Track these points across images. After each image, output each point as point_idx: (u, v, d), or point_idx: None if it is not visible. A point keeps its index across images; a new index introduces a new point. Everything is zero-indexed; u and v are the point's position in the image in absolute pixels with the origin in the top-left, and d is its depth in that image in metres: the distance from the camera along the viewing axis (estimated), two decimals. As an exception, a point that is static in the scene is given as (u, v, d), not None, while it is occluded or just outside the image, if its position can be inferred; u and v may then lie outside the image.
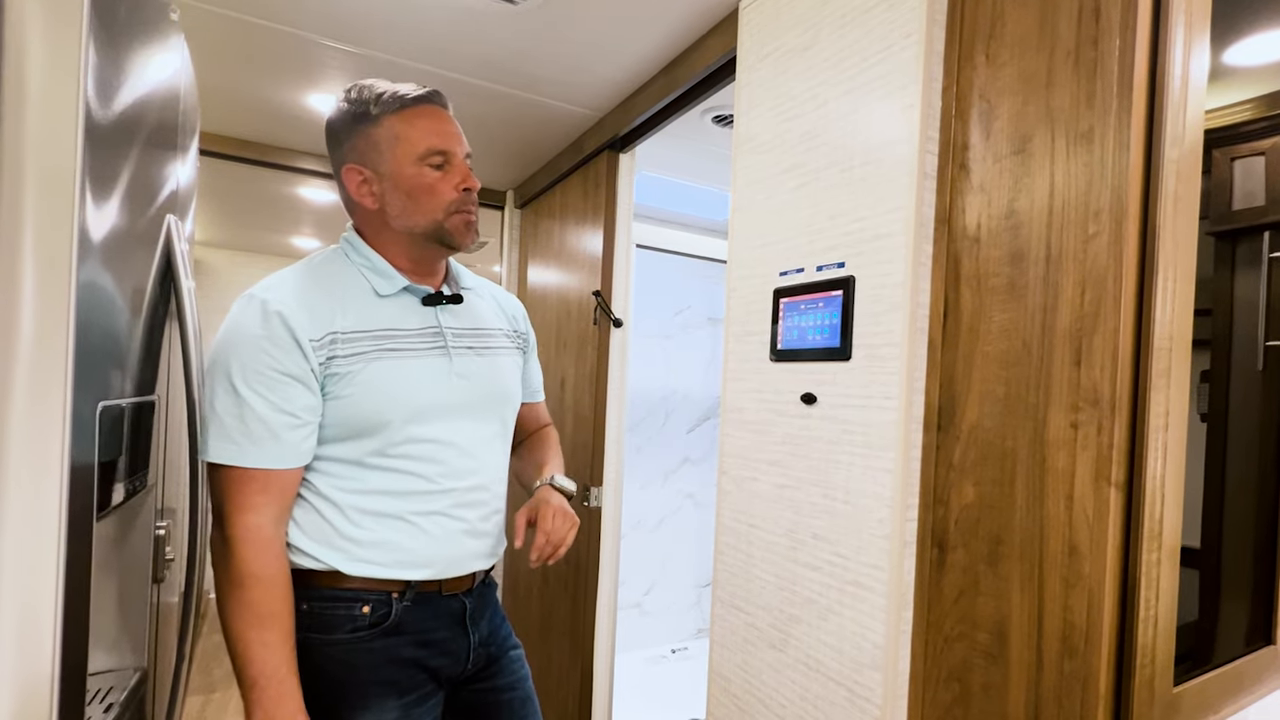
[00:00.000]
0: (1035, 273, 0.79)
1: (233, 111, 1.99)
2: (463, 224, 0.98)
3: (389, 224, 0.97)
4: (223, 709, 2.69)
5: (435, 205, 0.96)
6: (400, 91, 0.95)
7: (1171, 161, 0.72)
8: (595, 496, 1.92)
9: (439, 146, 0.95)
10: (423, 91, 0.97)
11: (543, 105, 1.87)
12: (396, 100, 0.95)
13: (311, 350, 0.88)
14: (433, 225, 0.97)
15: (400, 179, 0.95)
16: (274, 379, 0.87)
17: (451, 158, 0.97)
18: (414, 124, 0.95)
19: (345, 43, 1.58)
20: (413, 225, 0.97)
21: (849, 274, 0.97)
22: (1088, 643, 0.73)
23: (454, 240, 0.99)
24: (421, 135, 0.95)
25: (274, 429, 0.86)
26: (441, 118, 0.98)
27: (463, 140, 0.99)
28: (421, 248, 1.00)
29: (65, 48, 0.55)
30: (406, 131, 0.94)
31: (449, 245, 1.00)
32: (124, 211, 0.70)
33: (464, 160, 0.99)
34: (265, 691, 0.83)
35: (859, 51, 0.97)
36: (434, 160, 0.95)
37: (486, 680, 1.05)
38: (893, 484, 0.89)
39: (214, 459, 0.86)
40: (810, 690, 1.00)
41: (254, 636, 0.84)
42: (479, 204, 1.05)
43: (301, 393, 0.88)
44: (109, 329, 0.66)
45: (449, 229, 0.97)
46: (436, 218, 0.96)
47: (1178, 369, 0.74)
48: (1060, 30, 0.78)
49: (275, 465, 0.87)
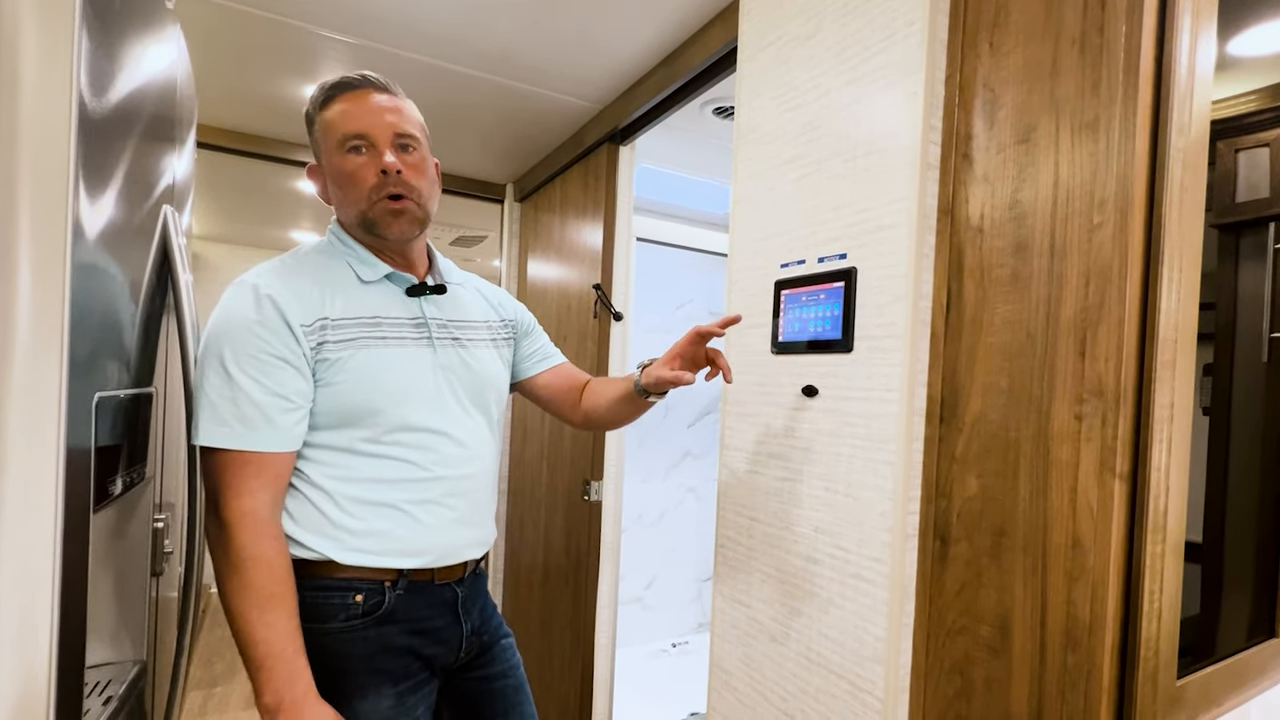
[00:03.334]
0: (1039, 264, 0.79)
1: (230, 103, 1.98)
2: (386, 211, 0.94)
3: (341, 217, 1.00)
4: (225, 703, 2.69)
5: (358, 194, 0.94)
6: (330, 81, 0.95)
7: (1178, 151, 0.71)
8: (596, 491, 1.91)
9: (353, 130, 0.92)
10: (346, 77, 0.94)
11: (542, 97, 1.86)
12: (324, 90, 0.95)
13: (303, 335, 0.88)
14: (359, 215, 0.95)
15: (331, 170, 0.95)
16: (267, 362, 0.86)
17: (372, 141, 0.92)
18: (336, 110, 0.94)
19: (343, 34, 1.57)
20: (347, 216, 0.98)
21: (851, 265, 0.97)
22: (1091, 635, 0.72)
23: (380, 229, 0.95)
24: (340, 120, 0.93)
25: (267, 412, 0.86)
26: (363, 100, 0.93)
27: (390, 120, 0.93)
28: (368, 239, 0.99)
29: (58, 37, 0.54)
30: (331, 120, 0.94)
31: (378, 235, 0.96)
32: (120, 204, 0.69)
33: (391, 141, 0.93)
34: (274, 672, 0.82)
35: (862, 40, 0.96)
36: (352, 144, 0.93)
37: (479, 669, 1.06)
38: (895, 476, 0.89)
39: (207, 442, 0.85)
40: (811, 683, 1.00)
41: (257, 618, 0.83)
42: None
43: (294, 376, 0.88)
44: (105, 321, 0.66)
45: (373, 217, 0.95)
46: (361, 207, 0.94)
47: (1183, 361, 0.73)
48: (1066, 17, 0.77)
49: (269, 448, 0.86)
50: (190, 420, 0.86)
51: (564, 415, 1.25)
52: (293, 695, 0.82)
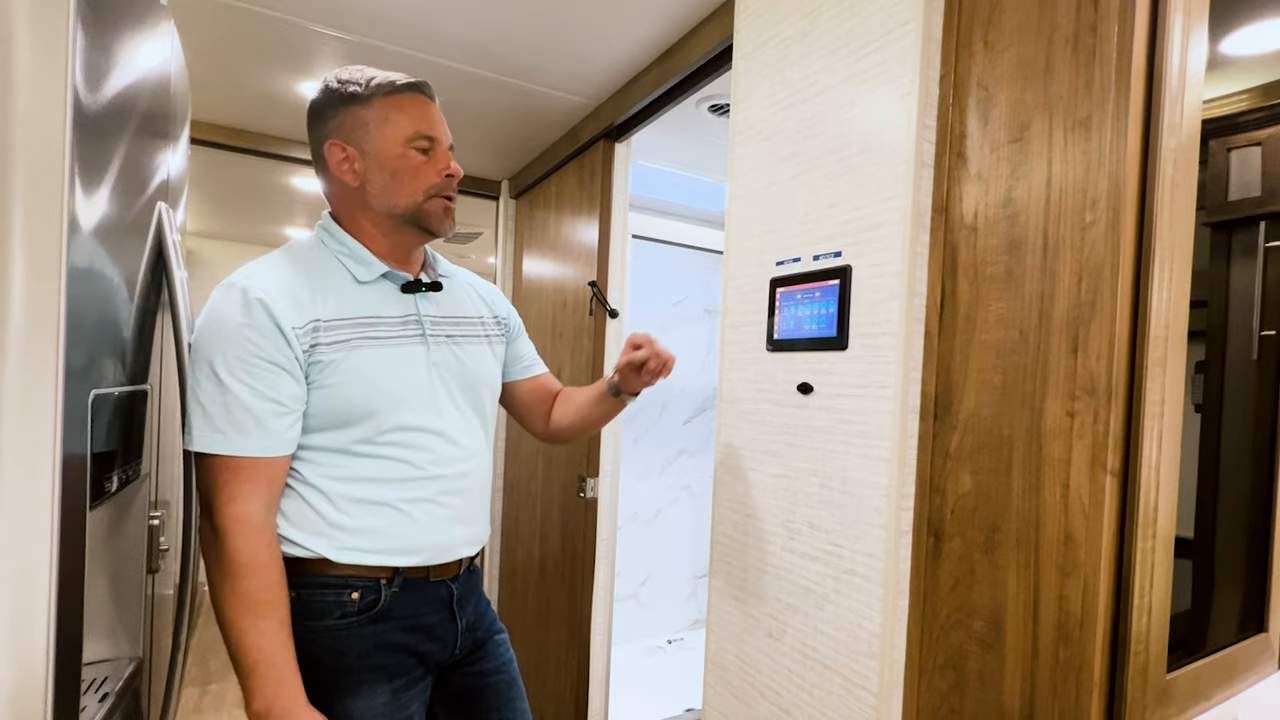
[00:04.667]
0: (1032, 261, 0.79)
1: (225, 100, 1.97)
2: (441, 209, 1.01)
3: (368, 204, 0.99)
4: (220, 700, 2.69)
5: (417, 187, 0.98)
6: (393, 78, 0.99)
7: (1169, 150, 0.72)
8: (591, 488, 1.92)
9: (427, 131, 0.99)
10: (415, 80, 1.01)
11: (537, 93, 1.86)
12: (390, 85, 0.98)
13: (295, 338, 0.88)
14: (412, 207, 0.99)
15: (386, 158, 0.97)
16: (258, 367, 0.86)
17: (437, 144, 1.00)
18: (404, 108, 0.98)
19: (339, 29, 1.57)
20: (392, 206, 0.98)
21: (846, 263, 0.97)
22: (1083, 630, 0.73)
23: (431, 224, 1.01)
24: (411, 119, 0.98)
25: (260, 417, 0.86)
26: (430, 107, 1.02)
27: (447, 130, 1.04)
28: (399, 231, 1.01)
29: (53, 33, 0.54)
30: (397, 115, 0.97)
31: (426, 230, 1.01)
32: (115, 200, 0.69)
33: (447, 149, 1.03)
34: (264, 679, 0.83)
35: (857, 38, 0.97)
36: (420, 144, 0.98)
37: (473, 664, 1.06)
38: (889, 473, 0.89)
39: (200, 449, 0.85)
40: (807, 679, 1.00)
41: (249, 624, 0.83)
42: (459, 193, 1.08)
43: (287, 381, 0.88)
44: (100, 318, 0.66)
45: (428, 212, 1.00)
46: (417, 199, 0.99)
47: (1173, 357, 0.74)
48: (1059, 16, 0.77)
49: (262, 454, 0.86)
50: (184, 423, 0.86)
51: (533, 426, 1.26)
52: (282, 702, 0.83)
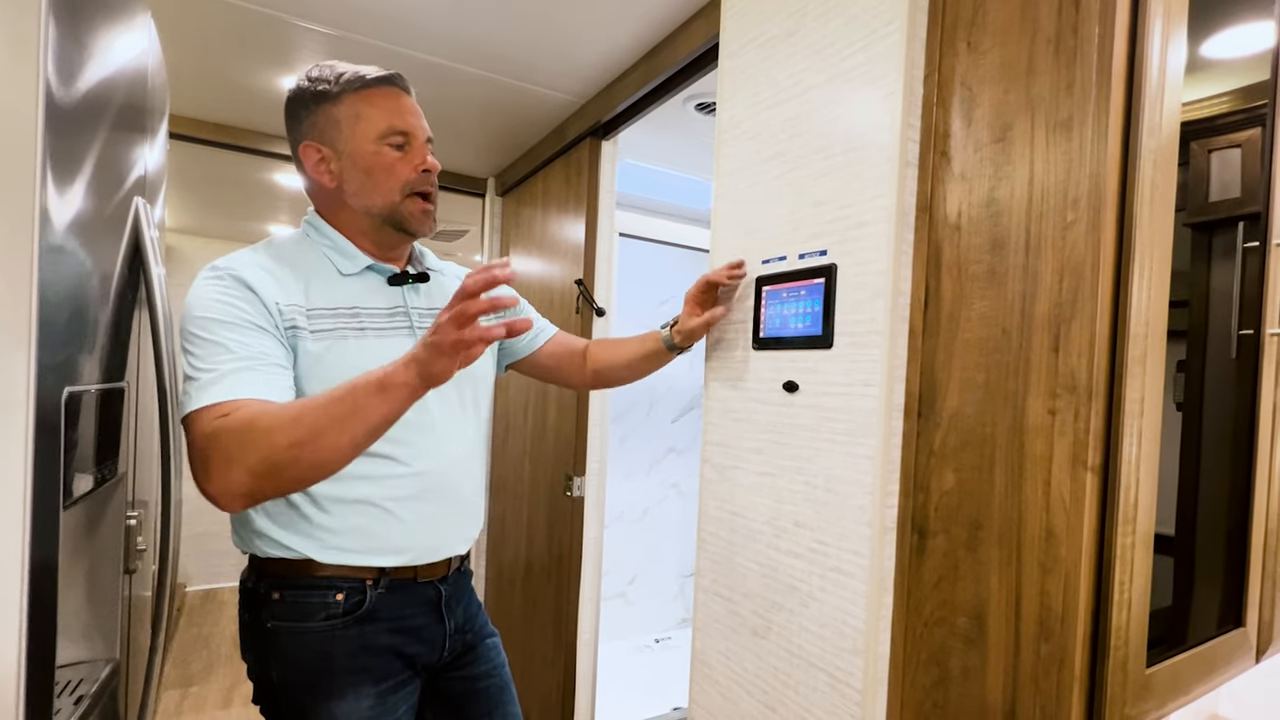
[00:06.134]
0: (1015, 260, 0.80)
1: (204, 94, 1.95)
2: (419, 210, 0.98)
3: (346, 203, 0.97)
4: (201, 702, 2.66)
5: (392, 185, 0.96)
6: (363, 72, 0.96)
7: (1149, 150, 0.73)
8: (578, 487, 1.91)
9: (400, 126, 0.96)
10: (386, 73, 0.97)
11: (524, 90, 1.85)
12: (359, 79, 0.95)
13: (278, 311, 0.87)
14: (389, 207, 0.97)
15: (359, 157, 0.95)
16: (245, 327, 0.84)
17: (412, 139, 0.97)
18: (375, 103, 0.95)
19: (321, 24, 1.55)
20: (369, 205, 0.97)
21: (831, 262, 0.97)
22: (1063, 625, 0.73)
23: (409, 225, 0.98)
24: (383, 114, 0.95)
25: (252, 366, 0.81)
26: (403, 99, 0.98)
27: (424, 123, 1.00)
28: (380, 230, 0.99)
29: (24, 25, 0.53)
30: (368, 110, 0.95)
31: (404, 230, 0.99)
32: (90, 195, 0.68)
33: (424, 143, 0.99)
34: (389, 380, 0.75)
35: (842, 38, 0.97)
36: (394, 140, 0.96)
37: (463, 668, 1.05)
38: (873, 471, 0.90)
39: (198, 404, 0.78)
40: (792, 676, 1.00)
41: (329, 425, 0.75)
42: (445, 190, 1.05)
43: (273, 343, 0.85)
44: (75, 314, 0.64)
45: (404, 213, 0.97)
46: (393, 199, 0.96)
47: (1153, 355, 0.75)
48: (1041, 17, 0.78)
49: (263, 394, 0.80)
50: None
51: (570, 381, 1.29)
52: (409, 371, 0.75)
